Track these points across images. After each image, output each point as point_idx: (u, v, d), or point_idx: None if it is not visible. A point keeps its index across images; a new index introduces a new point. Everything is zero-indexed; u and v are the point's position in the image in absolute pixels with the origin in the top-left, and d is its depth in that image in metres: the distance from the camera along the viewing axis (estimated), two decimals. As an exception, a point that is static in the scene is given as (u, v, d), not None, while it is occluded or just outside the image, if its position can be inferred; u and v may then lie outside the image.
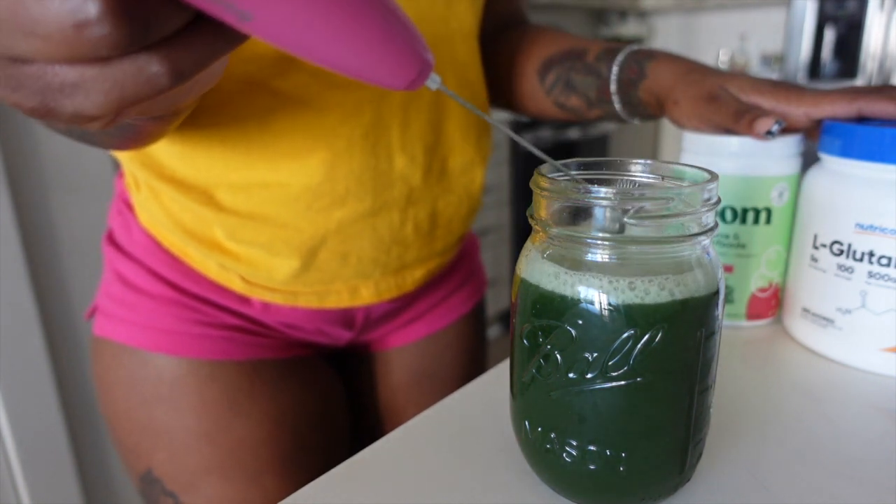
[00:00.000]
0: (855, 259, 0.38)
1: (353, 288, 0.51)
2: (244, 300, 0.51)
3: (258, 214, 0.45)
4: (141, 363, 0.49)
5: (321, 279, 0.49)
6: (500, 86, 0.60)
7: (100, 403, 0.53)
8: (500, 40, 0.60)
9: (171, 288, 0.50)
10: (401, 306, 0.57)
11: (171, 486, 0.49)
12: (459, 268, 0.62)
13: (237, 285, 0.50)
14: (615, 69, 0.52)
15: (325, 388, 0.56)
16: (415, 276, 0.54)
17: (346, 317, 0.54)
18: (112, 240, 0.53)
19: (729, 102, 0.44)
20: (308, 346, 0.56)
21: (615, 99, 0.53)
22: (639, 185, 0.29)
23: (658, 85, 0.49)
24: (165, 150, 0.45)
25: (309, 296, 0.50)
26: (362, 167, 0.45)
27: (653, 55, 0.51)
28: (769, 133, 0.41)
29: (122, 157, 0.47)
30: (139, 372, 0.49)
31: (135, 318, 0.49)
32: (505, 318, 2.36)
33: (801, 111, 0.43)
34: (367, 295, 0.52)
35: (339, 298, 0.51)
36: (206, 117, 0.42)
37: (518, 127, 2.23)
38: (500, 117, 2.13)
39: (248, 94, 0.42)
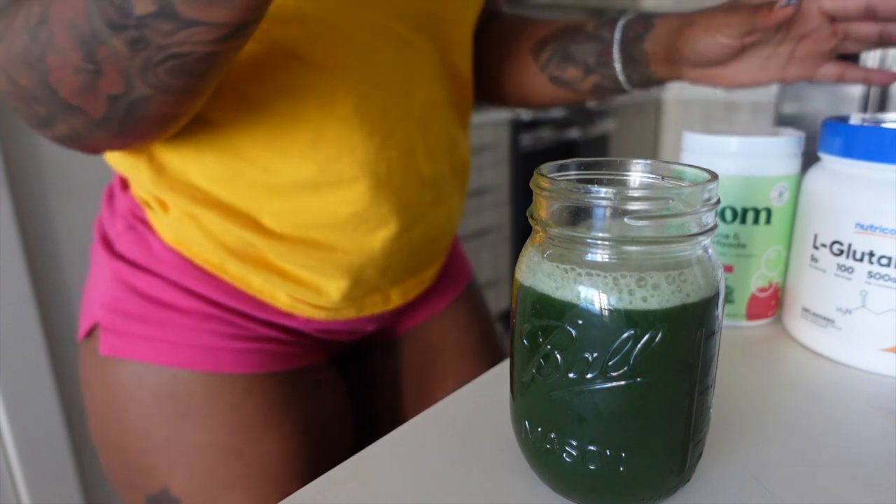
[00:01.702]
0: (855, 259, 0.38)
1: (386, 295, 0.54)
2: (286, 314, 0.50)
3: (306, 239, 0.46)
4: (169, 381, 0.47)
5: (363, 293, 0.51)
6: (488, 74, 0.61)
7: (99, 426, 0.50)
8: (486, 30, 0.61)
9: (206, 303, 0.48)
10: (418, 300, 0.59)
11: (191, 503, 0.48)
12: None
13: (281, 301, 0.49)
14: (619, 28, 0.52)
15: (340, 391, 0.57)
16: (431, 273, 0.57)
17: (376, 318, 0.55)
18: (119, 256, 0.49)
19: (746, 6, 0.45)
20: (324, 350, 0.56)
21: (616, 58, 0.52)
22: (639, 185, 0.29)
23: (667, 26, 0.49)
24: (204, 176, 0.44)
25: (349, 309, 0.52)
26: (401, 186, 0.46)
27: (661, 14, 0.52)
28: (789, 2, 0.42)
29: (143, 180, 0.46)
30: (166, 389, 0.47)
31: (162, 336, 0.47)
32: (505, 317, 2.36)
33: (815, 5, 0.44)
34: (396, 298, 0.54)
35: (373, 306, 0.53)
36: (248, 146, 0.43)
37: (518, 127, 2.23)
38: (499, 117, 2.13)
39: (292, 125, 0.43)
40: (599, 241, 0.24)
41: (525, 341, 0.26)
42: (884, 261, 0.37)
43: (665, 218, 0.24)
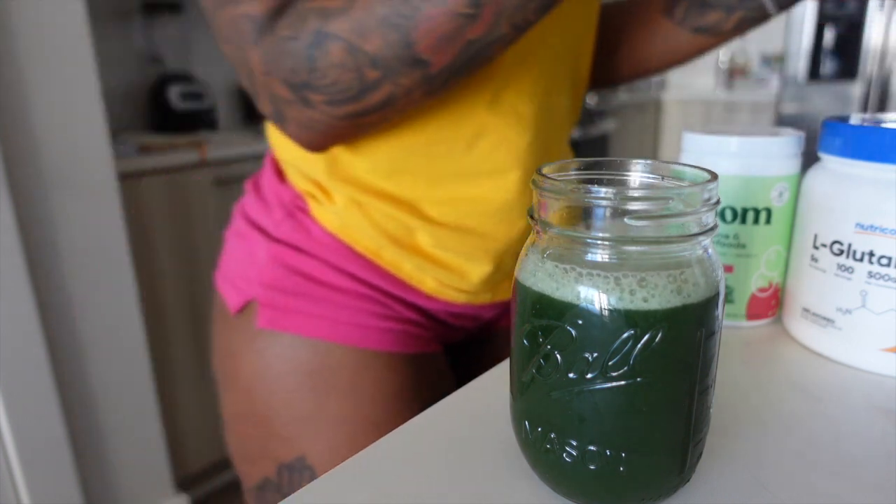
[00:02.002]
0: (855, 259, 0.38)
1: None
2: (430, 298, 0.54)
3: (462, 226, 0.51)
4: (320, 354, 0.51)
5: (499, 279, 0.55)
6: (616, 52, 0.63)
7: (242, 392, 0.53)
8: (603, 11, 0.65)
9: (359, 284, 0.52)
10: None
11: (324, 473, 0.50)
12: None
13: (428, 286, 0.53)
14: None
15: (452, 381, 0.61)
16: None
17: (499, 305, 0.59)
18: (277, 240, 0.53)
19: None
20: (442, 340, 0.60)
21: None
22: (639, 185, 0.29)
23: None
24: (373, 169, 0.50)
25: (486, 294, 0.56)
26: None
27: None
28: None
29: (316, 171, 0.51)
30: (317, 361, 0.51)
31: (318, 311, 0.51)
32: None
33: None
34: None
35: (504, 292, 0.57)
36: (420, 142, 0.48)
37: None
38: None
39: (460, 122, 0.48)
40: (599, 241, 0.24)
41: (525, 341, 0.26)
42: (884, 261, 0.37)
43: (665, 218, 0.24)
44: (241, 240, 0.56)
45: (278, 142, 0.54)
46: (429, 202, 0.50)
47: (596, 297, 0.24)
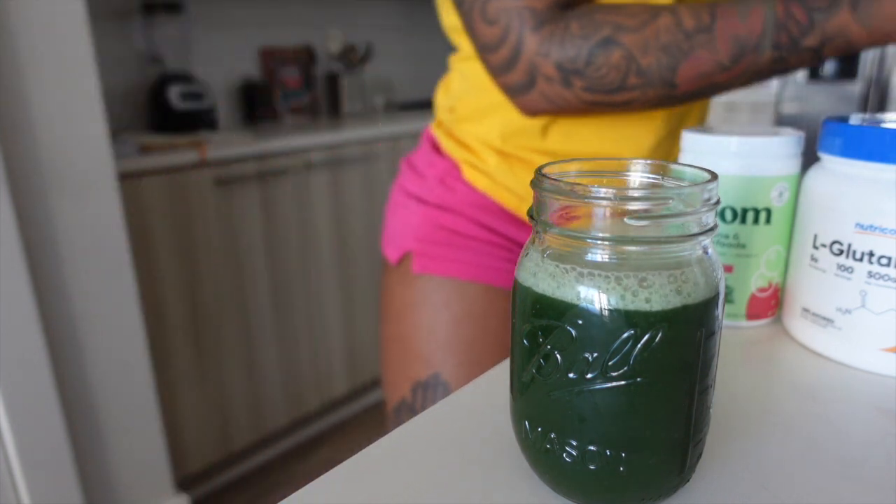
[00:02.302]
0: (855, 259, 0.38)
1: None
2: None
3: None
4: (460, 290, 0.63)
5: None
6: None
7: (394, 322, 0.67)
8: None
9: (493, 234, 0.65)
10: None
11: (456, 388, 0.60)
12: None
13: None
14: None
15: None
16: None
17: None
18: (429, 203, 0.67)
19: None
20: None
21: None
22: (639, 185, 0.29)
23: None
24: (548, 137, 0.62)
25: None
26: (669, 146, 0.65)
27: None
28: None
29: (491, 137, 0.63)
30: (456, 295, 0.63)
31: (459, 258, 0.64)
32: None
33: None
34: None
35: None
36: (587, 132, 0.61)
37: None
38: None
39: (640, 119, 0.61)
40: (599, 241, 0.24)
41: (525, 341, 0.26)
42: (884, 261, 0.37)
43: (665, 218, 0.24)
44: (399, 209, 0.70)
45: (465, 115, 0.66)
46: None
47: (596, 297, 0.24)
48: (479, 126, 0.65)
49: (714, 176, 0.26)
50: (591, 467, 0.26)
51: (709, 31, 0.49)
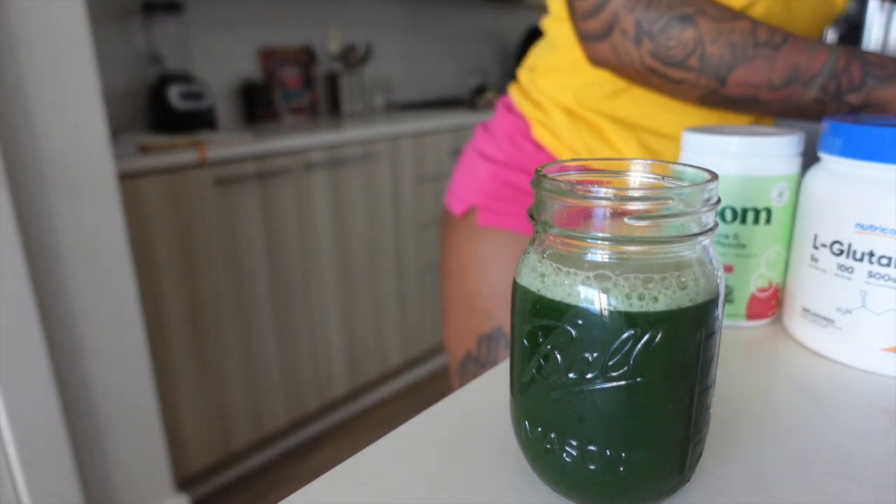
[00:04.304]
0: (855, 259, 0.38)
1: None
2: None
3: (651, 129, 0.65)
4: (522, 243, 0.65)
5: None
6: None
7: (458, 277, 0.70)
8: None
9: None
10: None
11: None
12: None
13: None
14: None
15: None
16: None
17: None
18: (496, 161, 0.70)
19: None
20: None
21: None
22: (639, 185, 0.29)
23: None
24: (619, 105, 0.65)
25: None
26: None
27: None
28: None
29: (565, 99, 0.66)
30: (518, 250, 0.65)
31: (518, 212, 0.67)
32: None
33: None
34: None
35: None
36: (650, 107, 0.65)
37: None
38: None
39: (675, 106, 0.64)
40: (599, 241, 0.24)
41: (525, 341, 0.26)
42: (884, 261, 0.37)
43: (665, 218, 0.24)
44: (467, 167, 0.73)
45: (543, 72, 0.69)
46: (647, 133, 0.64)
47: (596, 297, 0.24)
48: (554, 83, 0.67)
49: (714, 176, 0.26)
50: (591, 467, 0.26)
51: (776, 48, 0.52)
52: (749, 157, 0.43)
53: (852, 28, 2.80)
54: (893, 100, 0.51)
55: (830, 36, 2.86)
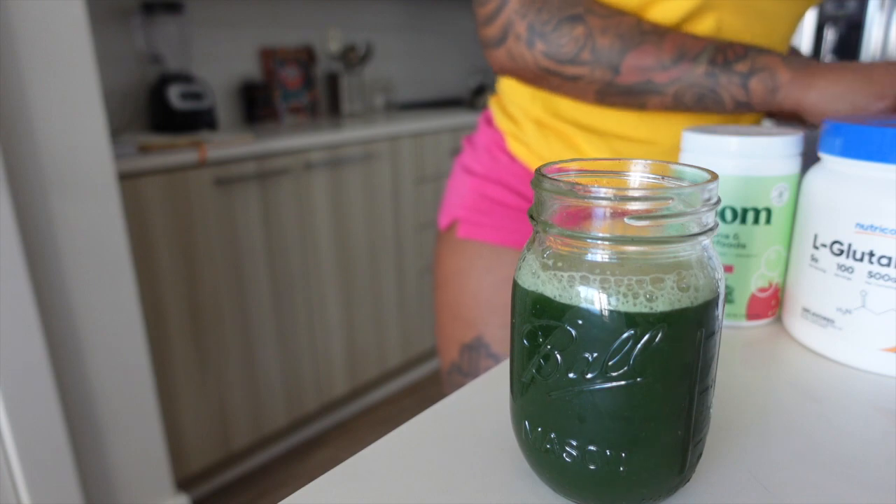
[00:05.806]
0: (855, 259, 0.38)
1: None
2: None
3: (626, 137, 0.66)
4: (500, 254, 0.67)
5: None
6: None
7: (443, 288, 0.72)
8: None
9: (526, 200, 0.69)
10: None
11: (496, 349, 0.66)
12: None
13: None
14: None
15: None
16: None
17: None
18: (476, 174, 0.72)
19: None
20: None
21: None
22: (639, 185, 0.29)
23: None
24: (587, 111, 0.65)
25: None
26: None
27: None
28: None
29: (534, 109, 0.67)
30: (494, 259, 0.67)
31: (495, 224, 0.69)
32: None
33: None
34: None
35: None
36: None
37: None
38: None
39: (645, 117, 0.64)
40: (599, 241, 0.24)
41: (525, 341, 0.26)
42: (884, 261, 0.37)
43: (665, 218, 0.24)
44: (453, 181, 0.76)
45: (510, 89, 0.70)
46: (617, 139, 0.65)
47: (596, 298, 0.24)
48: (524, 94, 0.69)
49: (714, 176, 0.26)
50: (591, 467, 0.26)
51: (661, 35, 0.56)
52: (749, 157, 0.43)
53: (852, 28, 2.80)
54: (776, 62, 0.54)
55: (830, 36, 2.86)
